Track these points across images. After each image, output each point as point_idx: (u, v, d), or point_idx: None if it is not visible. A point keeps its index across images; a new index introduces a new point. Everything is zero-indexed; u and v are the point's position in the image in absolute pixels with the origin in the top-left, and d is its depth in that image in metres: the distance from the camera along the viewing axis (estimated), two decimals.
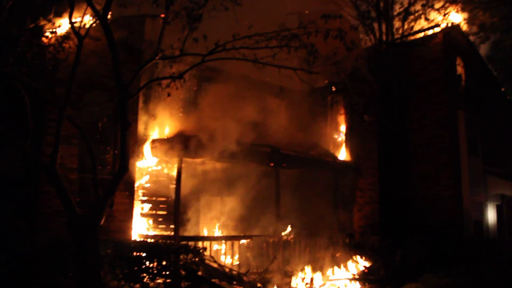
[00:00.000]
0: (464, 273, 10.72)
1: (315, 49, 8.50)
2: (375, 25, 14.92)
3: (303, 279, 10.90)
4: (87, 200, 9.50)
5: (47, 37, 9.69)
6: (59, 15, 9.87)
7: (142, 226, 11.80)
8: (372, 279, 11.59)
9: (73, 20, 8.30)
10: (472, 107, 16.20)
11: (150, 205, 12.10)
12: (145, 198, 12.04)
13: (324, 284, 10.82)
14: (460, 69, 16.11)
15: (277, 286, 10.07)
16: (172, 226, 11.84)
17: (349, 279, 11.43)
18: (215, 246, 11.54)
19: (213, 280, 9.31)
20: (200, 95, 12.85)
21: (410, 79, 15.42)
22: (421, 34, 15.32)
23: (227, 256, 11.45)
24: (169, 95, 8.94)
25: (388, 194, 14.97)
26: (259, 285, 9.81)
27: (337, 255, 12.25)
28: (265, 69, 9.07)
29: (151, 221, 12.05)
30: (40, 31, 9.65)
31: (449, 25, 14.97)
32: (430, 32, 15.20)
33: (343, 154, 15.22)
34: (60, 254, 9.26)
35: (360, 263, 12.25)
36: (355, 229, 14.75)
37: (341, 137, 15.54)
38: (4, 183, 11.00)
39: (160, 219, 12.20)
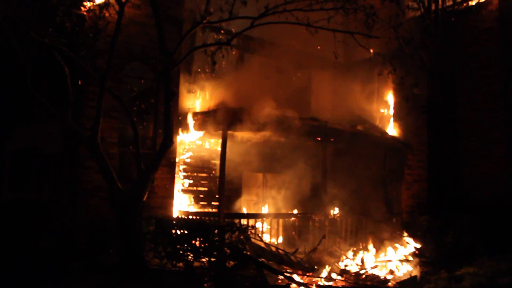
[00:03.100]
0: None
1: (374, 11, 7.86)
2: None
3: (352, 259, 10.39)
4: (127, 176, 9.18)
5: (86, 6, 9.33)
6: None
7: (183, 203, 11.48)
8: (424, 261, 11.06)
9: None
10: None
11: (191, 181, 11.73)
12: (186, 173, 11.67)
13: (376, 267, 10.26)
14: None
15: (326, 266, 9.54)
16: (213, 202, 11.48)
17: (400, 260, 10.88)
18: (258, 223, 11.11)
19: (260, 259, 8.86)
20: (243, 67, 12.39)
21: (460, 51, 14.57)
22: (474, 1, 14.34)
23: (272, 235, 11.00)
24: (214, 63, 8.50)
25: (437, 172, 14.32)
26: (307, 265, 9.32)
27: (386, 235, 11.69)
28: (313, 38, 8.52)
29: (192, 198, 11.69)
30: (80, 0, 9.31)
31: None
32: None
33: (391, 129, 14.54)
34: (101, 231, 9.05)
35: (410, 244, 11.68)
36: (403, 208, 14.18)
37: (388, 112, 14.82)
38: (43, 158, 10.81)
39: (201, 196, 11.84)
